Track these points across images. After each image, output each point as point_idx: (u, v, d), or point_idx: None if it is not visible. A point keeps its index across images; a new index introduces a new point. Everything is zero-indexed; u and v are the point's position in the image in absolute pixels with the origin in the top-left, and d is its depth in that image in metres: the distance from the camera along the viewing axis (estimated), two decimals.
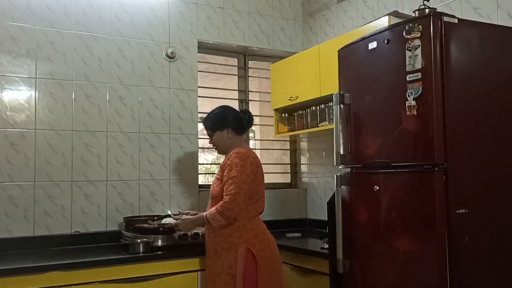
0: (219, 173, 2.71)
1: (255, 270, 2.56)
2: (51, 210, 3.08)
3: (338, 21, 3.75)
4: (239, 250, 2.56)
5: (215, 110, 2.87)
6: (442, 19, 1.97)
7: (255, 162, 2.67)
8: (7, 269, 2.43)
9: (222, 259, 2.58)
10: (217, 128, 2.78)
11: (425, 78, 1.97)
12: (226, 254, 2.58)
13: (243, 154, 2.65)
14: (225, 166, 2.64)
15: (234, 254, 2.56)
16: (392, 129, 2.13)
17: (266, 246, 2.63)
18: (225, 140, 2.78)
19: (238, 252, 2.56)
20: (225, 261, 2.57)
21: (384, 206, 2.16)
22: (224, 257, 2.58)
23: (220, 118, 2.80)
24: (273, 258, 2.65)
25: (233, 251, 2.57)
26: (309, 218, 4.03)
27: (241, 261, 2.55)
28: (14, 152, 3.00)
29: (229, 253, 2.57)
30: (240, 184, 2.56)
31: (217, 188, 2.67)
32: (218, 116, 2.82)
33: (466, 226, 1.95)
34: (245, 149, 2.71)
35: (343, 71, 2.50)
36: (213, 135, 2.80)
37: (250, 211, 2.63)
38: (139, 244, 2.80)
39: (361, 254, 2.30)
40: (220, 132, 2.78)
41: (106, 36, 3.33)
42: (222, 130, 2.77)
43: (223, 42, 3.79)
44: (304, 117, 3.61)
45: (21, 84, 3.06)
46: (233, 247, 2.57)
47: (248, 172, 2.60)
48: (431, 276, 1.94)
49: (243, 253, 2.56)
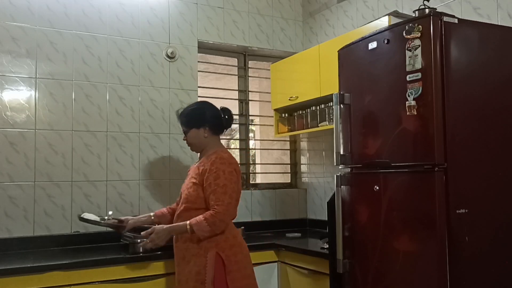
0: (196, 176, 2.54)
1: (224, 276, 2.43)
2: (51, 210, 3.08)
3: (338, 21, 3.75)
4: (209, 255, 2.43)
5: (193, 105, 2.73)
6: (442, 19, 1.97)
7: (238, 168, 2.57)
8: (7, 269, 2.43)
9: (190, 266, 2.46)
10: (194, 125, 2.62)
11: (425, 78, 1.97)
12: (194, 260, 2.45)
13: (227, 160, 2.52)
14: (205, 171, 2.50)
15: (203, 259, 2.44)
16: (392, 129, 2.13)
17: (238, 250, 2.51)
18: (200, 139, 2.62)
19: (208, 258, 2.43)
20: (193, 267, 2.45)
21: (384, 206, 2.16)
22: (192, 263, 2.46)
23: (197, 115, 2.64)
24: (245, 263, 2.54)
25: (202, 257, 2.44)
26: (309, 218, 4.03)
27: (210, 267, 2.42)
28: (14, 152, 3.00)
29: (198, 258, 2.45)
30: (231, 193, 2.45)
31: (193, 193, 2.52)
32: (195, 112, 2.66)
33: (466, 226, 1.95)
34: (226, 153, 2.58)
35: (343, 71, 2.50)
36: (188, 132, 2.64)
37: None
38: (139, 244, 2.79)
39: (361, 254, 2.30)
40: (196, 130, 2.62)
41: (106, 36, 3.33)
42: (198, 128, 2.61)
43: (223, 42, 3.79)
44: (304, 117, 3.61)
45: (21, 84, 3.06)
46: (202, 252, 2.44)
47: (235, 179, 2.50)
48: (431, 276, 1.94)
49: (213, 258, 2.43)
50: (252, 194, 3.83)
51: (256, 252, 3.10)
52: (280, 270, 3.18)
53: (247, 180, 3.96)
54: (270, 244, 3.18)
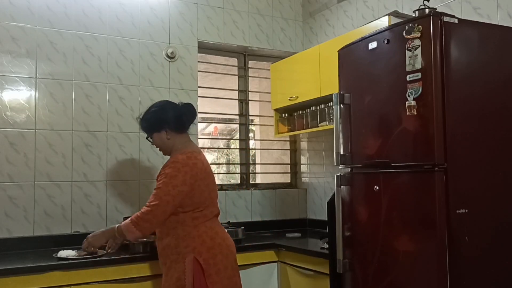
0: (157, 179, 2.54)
1: (204, 280, 2.39)
2: (51, 210, 3.08)
3: (338, 21, 3.76)
4: (186, 260, 2.40)
5: (151, 108, 2.64)
6: (442, 19, 1.97)
7: (194, 171, 2.44)
8: (7, 269, 2.43)
9: (172, 272, 2.44)
10: (154, 129, 2.58)
11: (425, 78, 1.97)
12: (174, 266, 2.43)
13: (180, 162, 2.44)
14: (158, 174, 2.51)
15: (182, 265, 2.40)
16: (392, 129, 2.13)
17: (217, 252, 2.44)
18: (164, 142, 2.57)
19: (186, 263, 2.39)
20: (174, 273, 2.42)
21: (384, 206, 2.16)
22: (173, 270, 2.43)
23: (156, 119, 2.57)
24: (226, 264, 2.46)
25: (181, 262, 2.41)
26: (309, 218, 4.03)
27: (189, 272, 2.38)
28: (14, 152, 3.01)
29: (177, 264, 2.42)
30: (162, 196, 2.38)
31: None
32: (153, 116, 2.59)
33: (466, 226, 1.95)
34: (185, 154, 2.48)
35: (343, 71, 2.50)
36: (152, 137, 2.61)
37: (198, 217, 2.46)
38: (139, 244, 2.80)
39: (361, 254, 2.30)
40: (158, 134, 2.57)
41: (106, 36, 3.33)
42: (159, 132, 2.56)
43: (223, 42, 3.79)
44: (304, 117, 3.61)
45: (21, 84, 3.06)
46: (180, 258, 2.41)
47: (178, 182, 2.39)
48: (431, 276, 1.94)
49: (190, 263, 2.39)
50: (252, 194, 3.83)
51: (256, 252, 3.10)
52: (280, 270, 3.18)
53: (247, 180, 3.96)
54: (270, 244, 3.18)
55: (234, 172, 4.41)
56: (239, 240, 3.10)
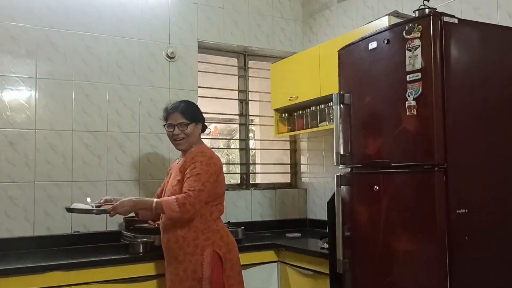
0: (179, 174, 2.53)
1: (221, 273, 2.46)
2: (51, 210, 3.08)
3: (338, 21, 3.76)
4: (205, 253, 2.44)
5: (188, 101, 2.73)
6: (442, 19, 1.97)
7: (219, 164, 2.57)
8: (7, 269, 2.43)
9: (185, 264, 2.45)
10: (194, 119, 2.61)
11: (425, 78, 1.97)
12: (189, 259, 2.44)
13: (209, 154, 2.54)
14: (187, 165, 2.50)
15: (199, 257, 2.44)
16: (392, 129, 2.13)
17: (231, 248, 2.54)
18: (195, 134, 2.62)
19: (204, 255, 2.44)
20: (188, 265, 2.44)
21: (384, 206, 2.16)
22: (187, 262, 2.44)
23: (198, 110, 2.68)
24: (236, 260, 2.57)
25: (198, 255, 2.44)
26: (309, 218, 4.03)
27: (207, 265, 2.43)
28: (14, 152, 3.00)
29: (194, 257, 2.44)
30: (205, 182, 2.42)
31: (179, 191, 2.49)
32: (196, 107, 2.69)
33: (466, 226, 1.95)
34: (209, 150, 2.61)
35: (343, 71, 2.50)
36: (189, 125, 2.59)
37: (214, 212, 2.54)
38: (139, 244, 2.80)
39: (361, 254, 2.30)
40: (195, 125, 2.61)
41: (106, 36, 3.33)
42: (197, 124, 2.62)
43: (223, 42, 3.79)
44: (304, 117, 3.61)
45: (21, 84, 3.06)
46: (198, 251, 2.45)
47: (212, 172, 2.48)
48: (431, 276, 1.94)
49: (209, 256, 2.44)
50: (252, 194, 3.83)
51: (256, 252, 3.10)
52: (280, 270, 3.18)
53: (247, 180, 3.96)
54: (270, 244, 3.18)
55: (234, 172, 4.41)
56: (239, 240, 3.10)
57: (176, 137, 2.60)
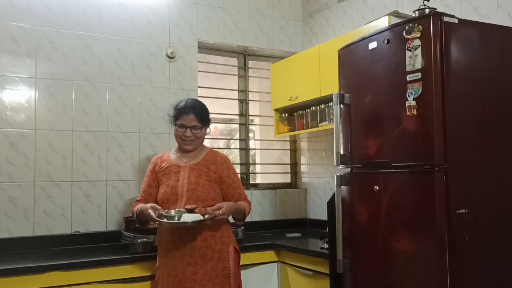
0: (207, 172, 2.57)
1: (239, 267, 2.61)
2: (51, 210, 3.08)
3: (338, 21, 3.75)
4: (230, 249, 2.55)
5: (201, 102, 2.72)
6: (442, 19, 1.97)
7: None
8: (7, 269, 2.43)
9: (213, 262, 2.49)
10: (207, 122, 2.67)
11: (425, 78, 1.97)
12: (218, 256, 2.51)
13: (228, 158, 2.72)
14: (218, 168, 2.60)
15: (226, 254, 2.53)
16: (392, 129, 2.13)
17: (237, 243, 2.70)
18: (203, 137, 2.68)
19: (229, 252, 2.54)
20: (217, 263, 2.50)
21: (384, 206, 2.16)
22: (216, 260, 2.50)
23: (209, 113, 2.70)
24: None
25: (225, 252, 2.53)
26: (309, 218, 4.03)
27: (232, 260, 2.54)
28: (14, 152, 3.00)
29: (222, 254, 2.52)
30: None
31: (211, 190, 2.55)
32: (208, 110, 2.70)
33: (466, 226, 1.95)
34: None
35: (343, 71, 2.50)
36: (202, 128, 2.62)
37: None
38: (139, 244, 2.80)
39: (361, 254, 2.30)
40: (205, 129, 2.66)
41: (106, 36, 3.33)
42: (206, 127, 2.68)
43: (223, 42, 3.79)
44: (304, 117, 3.61)
45: (21, 84, 3.06)
46: (224, 248, 2.54)
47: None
48: (431, 276, 1.94)
49: (233, 252, 2.56)
50: (252, 194, 3.83)
51: (256, 252, 3.10)
52: (280, 270, 3.18)
53: (247, 180, 3.96)
54: (270, 244, 3.18)
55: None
56: (239, 240, 3.10)
57: (187, 138, 2.60)
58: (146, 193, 2.65)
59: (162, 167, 2.65)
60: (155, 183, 2.65)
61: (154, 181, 2.65)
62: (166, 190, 2.57)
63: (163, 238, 2.56)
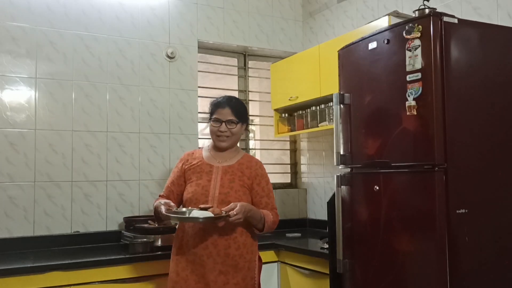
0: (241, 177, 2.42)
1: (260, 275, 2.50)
2: (51, 210, 3.08)
3: (338, 21, 3.75)
4: (256, 258, 2.47)
5: (238, 98, 2.60)
6: (442, 19, 1.97)
7: None
8: (7, 269, 2.43)
9: (244, 272, 2.36)
10: (244, 119, 2.50)
11: (425, 78, 1.97)
12: (248, 265, 2.39)
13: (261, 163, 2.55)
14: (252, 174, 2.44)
15: (254, 264, 2.43)
16: (392, 129, 2.13)
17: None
18: (239, 136, 2.52)
19: (256, 261, 2.46)
20: (247, 272, 2.38)
21: (384, 206, 2.16)
22: (246, 269, 2.38)
23: (247, 111, 2.59)
24: None
25: (253, 261, 2.43)
26: (309, 218, 4.03)
27: (258, 269, 2.46)
28: (14, 152, 3.00)
29: (251, 263, 2.41)
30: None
31: (244, 197, 2.38)
32: (246, 107, 2.60)
33: (466, 226, 1.95)
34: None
35: (343, 71, 2.49)
36: (238, 123, 2.45)
37: None
38: (139, 244, 2.80)
39: (361, 254, 2.30)
40: (242, 126, 2.49)
41: (106, 36, 3.33)
42: (243, 125, 2.50)
43: (223, 42, 3.79)
44: (304, 117, 3.61)
45: (21, 84, 3.06)
46: (253, 257, 2.44)
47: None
48: (431, 276, 1.94)
49: (258, 261, 2.47)
50: None
51: None
52: (280, 270, 3.18)
53: None
54: (270, 244, 3.17)
55: None
56: None
57: (221, 133, 2.45)
58: (168, 189, 2.51)
59: (192, 164, 2.49)
60: (179, 181, 2.48)
61: (178, 179, 2.49)
62: (196, 189, 2.40)
63: (190, 240, 2.36)
